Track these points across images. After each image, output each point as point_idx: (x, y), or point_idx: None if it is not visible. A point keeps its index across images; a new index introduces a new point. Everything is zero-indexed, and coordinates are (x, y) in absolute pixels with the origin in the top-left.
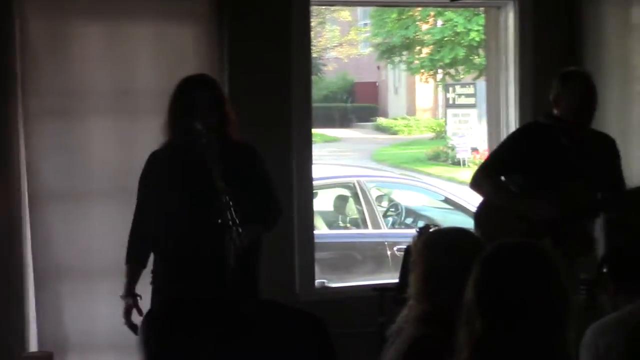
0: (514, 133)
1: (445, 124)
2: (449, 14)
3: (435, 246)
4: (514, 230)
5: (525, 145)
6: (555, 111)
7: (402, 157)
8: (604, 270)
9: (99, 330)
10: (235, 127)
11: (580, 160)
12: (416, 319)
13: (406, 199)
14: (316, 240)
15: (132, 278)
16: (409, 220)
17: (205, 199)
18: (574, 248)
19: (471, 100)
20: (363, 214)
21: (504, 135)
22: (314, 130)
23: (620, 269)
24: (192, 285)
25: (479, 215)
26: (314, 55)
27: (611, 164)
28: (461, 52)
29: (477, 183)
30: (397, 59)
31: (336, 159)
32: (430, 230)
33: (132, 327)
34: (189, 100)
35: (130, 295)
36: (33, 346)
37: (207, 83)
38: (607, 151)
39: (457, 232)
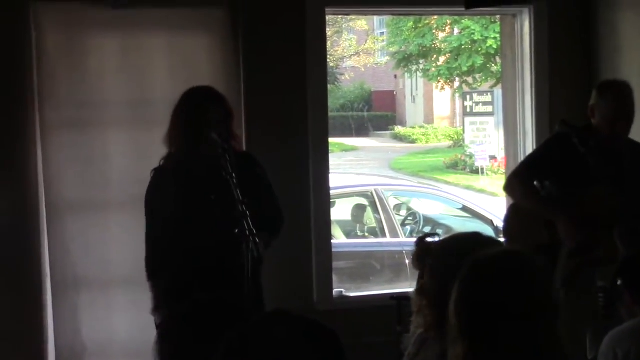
0: (547, 140)
1: (463, 132)
2: (465, 21)
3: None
4: (541, 238)
5: (557, 153)
6: (592, 121)
7: (420, 166)
8: (619, 281)
9: (116, 341)
10: (238, 141)
11: (610, 169)
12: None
13: (424, 207)
14: (334, 250)
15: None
16: (427, 229)
17: (223, 209)
18: (598, 257)
19: (489, 108)
20: (381, 222)
21: (521, 143)
22: (331, 140)
23: (635, 279)
24: (209, 294)
25: (507, 227)
26: (330, 64)
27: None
28: (479, 60)
29: (510, 187)
30: (414, 67)
31: (354, 168)
32: (428, 239)
33: None
34: (205, 113)
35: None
36: (51, 356)
37: (219, 97)
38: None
39: (471, 237)
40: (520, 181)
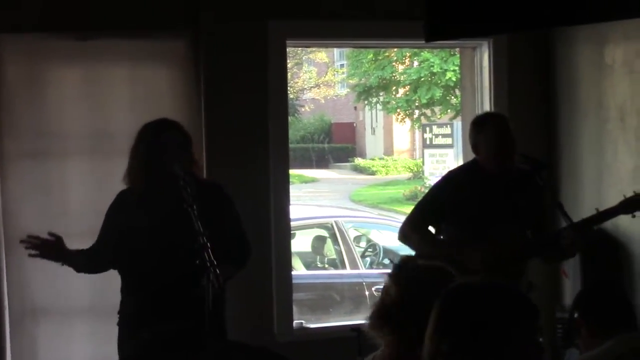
0: (436, 182)
1: (423, 164)
2: (425, 54)
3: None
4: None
5: (448, 193)
6: (478, 158)
7: (379, 197)
8: (576, 313)
9: None
10: (199, 167)
11: (505, 203)
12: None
13: (384, 239)
14: (294, 281)
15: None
16: (386, 261)
17: (182, 241)
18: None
19: (448, 140)
20: (341, 254)
21: None
22: (291, 171)
23: (591, 311)
24: (169, 327)
25: None
26: (290, 96)
27: (536, 201)
28: (438, 93)
29: (404, 236)
30: (374, 99)
31: (314, 200)
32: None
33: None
34: (159, 142)
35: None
36: None
37: (174, 125)
38: (531, 188)
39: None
40: (414, 228)
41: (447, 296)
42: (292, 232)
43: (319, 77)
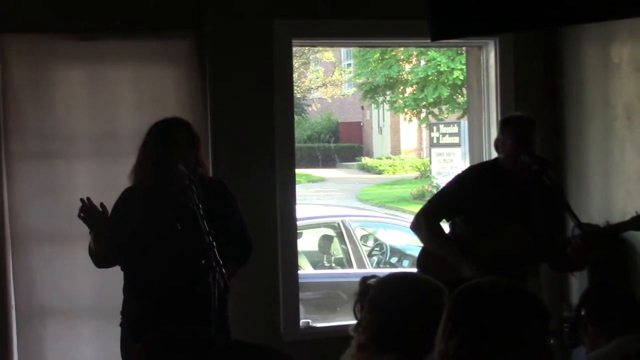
0: (456, 176)
1: (430, 163)
2: (432, 53)
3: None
4: (451, 274)
5: (465, 189)
6: (499, 156)
7: (386, 197)
8: (583, 311)
9: None
10: (205, 169)
11: (522, 204)
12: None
13: (391, 238)
14: (301, 280)
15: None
16: (394, 260)
17: (188, 240)
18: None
19: (455, 140)
20: (348, 253)
21: None
22: (298, 171)
23: (598, 310)
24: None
25: (421, 258)
26: (297, 95)
27: (549, 201)
28: (445, 92)
29: (416, 225)
30: (380, 98)
31: (321, 199)
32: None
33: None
34: (168, 140)
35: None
36: None
37: (183, 124)
38: (545, 189)
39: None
40: (428, 221)
41: (457, 297)
42: (298, 231)
43: (326, 76)
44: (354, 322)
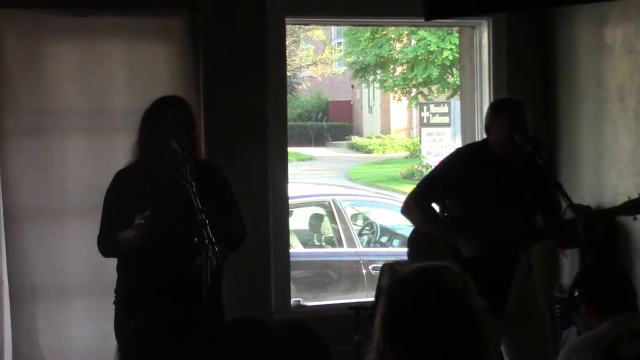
0: (445, 158)
1: (420, 142)
2: (422, 32)
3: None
4: (444, 257)
5: (455, 170)
6: (489, 139)
7: (376, 176)
8: (576, 292)
9: (75, 350)
10: (201, 149)
11: (511, 186)
12: None
13: (381, 217)
14: (291, 259)
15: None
16: (384, 239)
17: (181, 217)
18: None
19: (445, 119)
20: (338, 232)
21: None
22: (288, 149)
23: (591, 291)
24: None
25: (412, 241)
26: (288, 74)
27: (542, 183)
28: (435, 71)
29: (407, 209)
30: (371, 77)
31: (311, 178)
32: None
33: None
34: (162, 117)
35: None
36: None
37: (179, 102)
38: (536, 171)
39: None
40: (417, 203)
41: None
42: (289, 209)
43: (316, 54)
44: (345, 300)
